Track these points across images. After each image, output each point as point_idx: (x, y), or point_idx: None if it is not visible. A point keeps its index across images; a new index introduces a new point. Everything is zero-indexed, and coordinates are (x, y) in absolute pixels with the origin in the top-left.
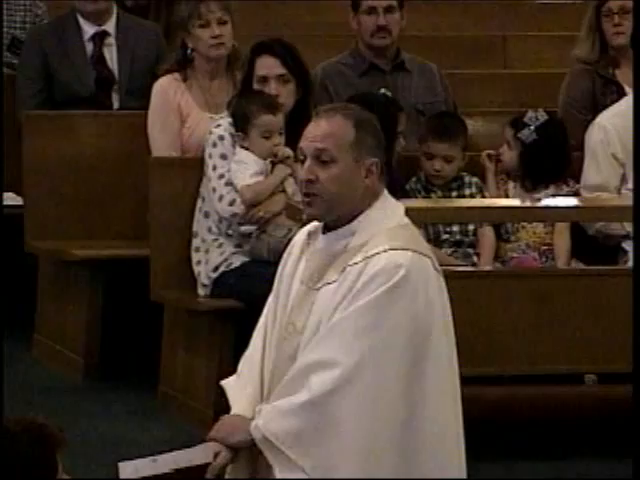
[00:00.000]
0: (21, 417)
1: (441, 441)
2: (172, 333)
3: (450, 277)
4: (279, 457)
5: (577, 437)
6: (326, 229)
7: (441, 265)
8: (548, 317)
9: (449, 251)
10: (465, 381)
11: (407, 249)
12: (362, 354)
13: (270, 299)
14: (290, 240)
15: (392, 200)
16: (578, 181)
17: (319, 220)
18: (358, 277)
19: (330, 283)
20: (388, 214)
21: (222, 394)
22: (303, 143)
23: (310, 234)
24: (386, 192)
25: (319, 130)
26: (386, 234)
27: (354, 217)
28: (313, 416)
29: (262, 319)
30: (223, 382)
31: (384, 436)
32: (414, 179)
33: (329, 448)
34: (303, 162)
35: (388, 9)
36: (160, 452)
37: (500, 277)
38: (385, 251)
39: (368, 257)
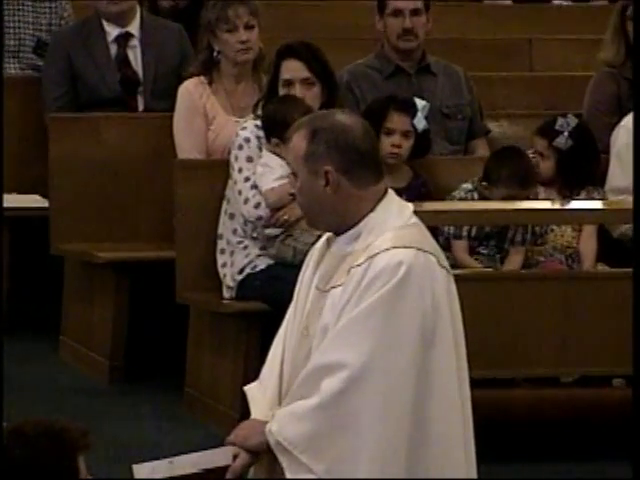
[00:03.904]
0: (39, 420)
1: (448, 436)
2: (197, 335)
3: (476, 279)
4: (291, 461)
5: (606, 440)
6: (336, 233)
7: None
8: (574, 320)
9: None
10: (491, 384)
11: (410, 247)
12: (369, 354)
13: (291, 306)
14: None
15: (398, 200)
16: (604, 184)
17: (314, 228)
18: (362, 278)
19: (337, 286)
20: (393, 214)
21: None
22: None
23: (328, 240)
24: (391, 192)
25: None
26: (391, 234)
27: (360, 220)
28: (324, 419)
29: (283, 325)
30: (245, 388)
31: (396, 434)
32: (470, 184)
33: (342, 450)
34: None
35: (414, 12)
36: (183, 454)
37: (526, 280)
38: (387, 250)
39: (371, 257)
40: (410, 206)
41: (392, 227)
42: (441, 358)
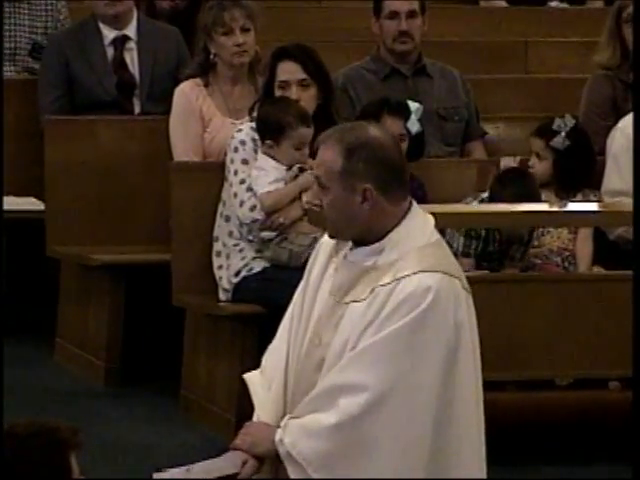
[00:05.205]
0: (31, 421)
1: (466, 466)
2: (194, 338)
3: (472, 282)
4: (301, 476)
5: (602, 443)
6: (356, 243)
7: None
8: (569, 322)
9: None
10: (487, 386)
11: (436, 271)
12: (392, 379)
13: (296, 296)
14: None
15: (421, 214)
16: (599, 186)
17: (337, 238)
18: (387, 299)
19: (359, 301)
20: (417, 231)
21: (245, 394)
22: None
23: (339, 243)
24: (415, 206)
25: (318, 157)
26: (416, 254)
27: (385, 234)
28: (341, 439)
29: (287, 315)
30: (246, 375)
31: (413, 462)
32: (476, 202)
33: (356, 473)
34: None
35: (410, 14)
36: (182, 457)
37: (522, 282)
38: (414, 273)
39: (397, 279)
40: (431, 220)
41: (416, 246)
42: (461, 387)
